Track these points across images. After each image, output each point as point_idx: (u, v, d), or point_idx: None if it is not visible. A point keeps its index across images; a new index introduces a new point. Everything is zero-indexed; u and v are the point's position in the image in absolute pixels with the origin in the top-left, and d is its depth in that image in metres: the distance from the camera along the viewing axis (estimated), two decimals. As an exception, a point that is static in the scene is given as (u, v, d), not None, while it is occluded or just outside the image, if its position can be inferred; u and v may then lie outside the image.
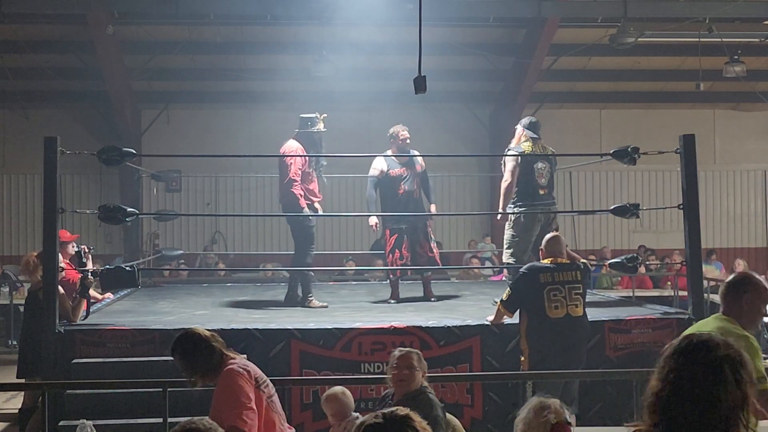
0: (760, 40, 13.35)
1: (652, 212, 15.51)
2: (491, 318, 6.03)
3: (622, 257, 6.87)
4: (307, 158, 7.22)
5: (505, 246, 7.16)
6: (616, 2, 11.92)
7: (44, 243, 5.89)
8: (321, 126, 7.37)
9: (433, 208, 8.10)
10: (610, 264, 7.64)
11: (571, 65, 14.59)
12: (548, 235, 6.07)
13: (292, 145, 7.31)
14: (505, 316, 5.92)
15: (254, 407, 3.81)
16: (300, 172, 7.20)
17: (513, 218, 7.07)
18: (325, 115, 7.46)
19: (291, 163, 7.16)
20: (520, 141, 7.18)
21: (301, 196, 7.18)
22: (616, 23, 12.03)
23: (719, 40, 12.48)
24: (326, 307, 7.29)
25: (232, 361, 3.95)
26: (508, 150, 7.24)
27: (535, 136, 7.14)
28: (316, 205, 7.56)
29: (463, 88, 14.84)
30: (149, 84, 14.77)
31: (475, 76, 14.77)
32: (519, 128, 7.25)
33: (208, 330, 4.09)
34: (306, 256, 7.44)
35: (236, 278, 12.01)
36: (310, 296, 7.37)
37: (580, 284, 5.75)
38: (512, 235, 7.07)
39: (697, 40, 12.50)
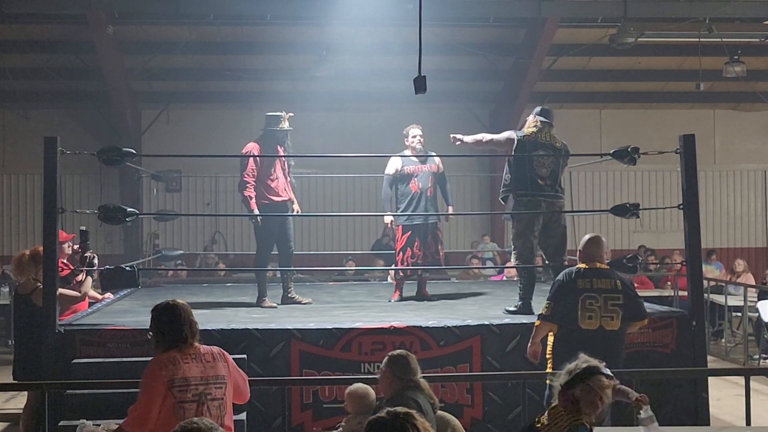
0: (760, 40, 13.36)
1: (652, 212, 15.51)
2: (533, 340, 5.48)
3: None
4: (265, 157, 7.21)
5: (512, 247, 6.75)
6: (616, 2, 11.92)
7: (44, 243, 5.89)
8: (285, 125, 7.34)
9: (450, 211, 8.04)
10: (609, 264, 7.60)
11: (571, 65, 14.59)
12: (587, 236, 5.57)
13: (248, 146, 7.33)
14: (549, 331, 5.44)
15: (151, 405, 3.81)
16: (254, 171, 7.20)
17: (515, 216, 6.63)
18: (291, 114, 7.42)
19: (246, 164, 7.19)
20: (528, 126, 6.75)
21: (251, 198, 7.18)
22: (616, 23, 12.04)
23: (719, 40, 12.49)
24: (275, 307, 7.29)
25: (171, 351, 3.92)
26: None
27: (545, 120, 6.69)
28: (296, 206, 7.57)
29: (463, 88, 14.84)
30: (149, 84, 14.78)
31: (475, 76, 14.77)
32: (530, 116, 6.84)
33: (192, 316, 4.05)
34: (262, 256, 7.44)
35: (236, 278, 12.00)
36: (264, 297, 7.37)
37: (620, 295, 5.29)
38: (515, 234, 6.63)
39: (697, 40, 12.51)
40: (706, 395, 6.13)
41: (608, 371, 3.68)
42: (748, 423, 5.15)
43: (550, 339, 5.47)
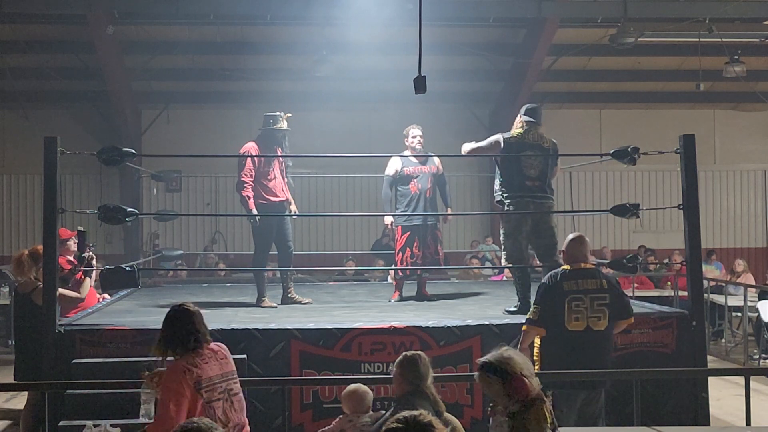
0: (760, 40, 13.36)
1: (652, 212, 15.53)
2: (522, 345, 5.36)
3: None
4: (263, 157, 7.21)
5: (502, 248, 6.82)
6: (616, 2, 11.92)
7: (44, 243, 5.88)
8: (284, 125, 7.34)
9: (448, 212, 8.04)
10: (609, 263, 7.61)
11: (571, 65, 14.59)
12: (570, 236, 5.50)
13: (246, 145, 7.34)
14: (537, 335, 5.38)
15: (180, 412, 3.82)
16: (252, 171, 7.21)
17: (504, 217, 6.68)
18: (289, 114, 7.44)
19: (244, 164, 7.19)
20: (515, 127, 6.75)
21: (249, 198, 7.19)
22: (616, 23, 12.04)
23: (719, 40, 12.49)
24: (275, 307, 7.29)
25: (187, 355, 3.97)
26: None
27: (531, 120, 6.70)
28: (293, 207, 7.57)
29: (463, 88, 14.84)
30: (149, 84, 14.78)
31: (475, 76, 14.77)
32: (518, 117, 6.85)
33: (200, 316, 4.13)
34: (260, 256, 7.43)
35: (236, 278, 11.99)
36: (264, 297, 7.37)
37: (606, 294, 5.25)
38: (504, 235, 6.67)
39: (697, 40, 12.51)
40: (706, 395, 6.13)
41: None
42: (748, 423, 5.14)
43: (537, 341, 5.43)
